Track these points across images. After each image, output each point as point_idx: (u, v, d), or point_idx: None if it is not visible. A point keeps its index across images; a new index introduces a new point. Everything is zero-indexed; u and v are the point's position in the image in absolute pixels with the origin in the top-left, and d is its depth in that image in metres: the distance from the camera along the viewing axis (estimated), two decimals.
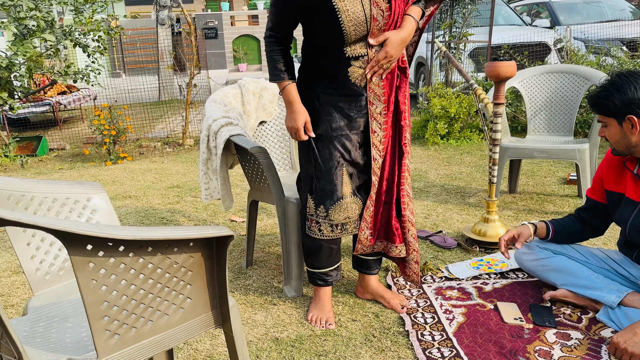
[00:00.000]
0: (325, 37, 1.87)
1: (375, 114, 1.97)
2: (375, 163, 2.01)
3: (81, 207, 1.62)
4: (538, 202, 3.52)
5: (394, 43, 1.87)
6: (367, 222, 2.07)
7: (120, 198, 4.00)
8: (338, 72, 1.91)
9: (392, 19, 1.87)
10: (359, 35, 1.85)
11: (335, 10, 1.79)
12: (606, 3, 9.05)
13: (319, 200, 2.02)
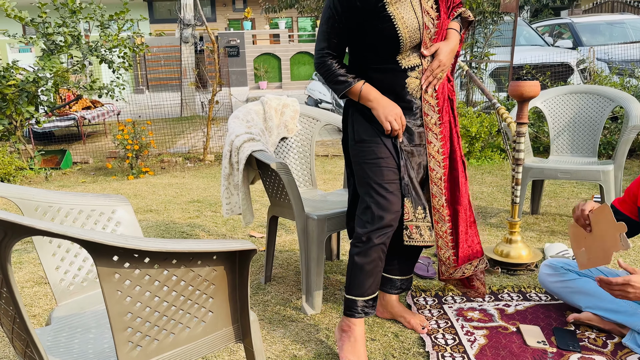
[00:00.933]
0: (381, 48, 1.86)
1: (431, 124, 1.97)
2: (434, 173, 2.00)
3: (106, 219, 1.64)
4: (561, 223, 3.46)
5: (445, 52, 1.90)
6: (443, 239, 2.03)
7: (142, 212, 4.04)
8: (396, 85, 1.90)
9: (441, 27, 1.91)
10: (414, 43, 1.86)
11: (391, 17, 1.81)
12: (629, 24, 8.98)
13: (415, 202, 1.94)
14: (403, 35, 1.83)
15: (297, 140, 2.93)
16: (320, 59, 1.92)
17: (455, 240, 2.07)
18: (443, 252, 2.05)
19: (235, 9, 20.31)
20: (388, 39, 1.83)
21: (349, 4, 1.81)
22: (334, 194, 2.87)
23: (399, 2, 1.83)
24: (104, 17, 5.40)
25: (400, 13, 1.82)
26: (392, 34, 1.82)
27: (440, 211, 2.02)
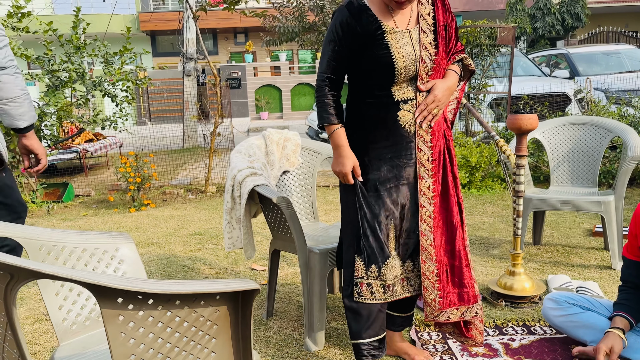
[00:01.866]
0: (376, 76, 1.89)
1: (423, 160, 1.96)
2: (424, 210, 1.96)
3: (109, 257, 1.64)
4: (564, 254, 3.46)
5: (441, 88, 1.92)
6: (430, 279, 1.97)
7: (143, 245, 4.04)
8: (387, 117, 1.92)
9: (439, 65, 1.93)
10: (409, 75, 1.89)
11: (388, 45, 1.85)
12: (625, 54, 9.12)
13: (369, 259, 1.93)
14: (398, 65, 1.86)
15: (299, 173, 2.96)
16: (321, 83, 1.96)
17: (443, 282, 2.00)
18: (429, 293, 1.98)
19: (237, 43, 20.68)
20: (383, 67, 1.86)
21: (349, 28, 1.87)
22: (336, 226, 2.87)
23: (398, 32, 1.88)
24: (108, 53, 5.51)
25: (397, 43, 1.87)
26: (388, 61, 1.85)
27: (428, 250, 1.97)
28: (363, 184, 1.96)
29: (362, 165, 1.97)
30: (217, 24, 18.19)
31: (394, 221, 1.97)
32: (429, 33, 1.92)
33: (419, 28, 1.91)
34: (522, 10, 16.50)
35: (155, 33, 20.37)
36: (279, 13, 9.52)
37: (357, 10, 1.87)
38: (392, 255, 1.96)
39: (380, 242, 1.93)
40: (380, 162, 1.95)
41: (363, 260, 1.95)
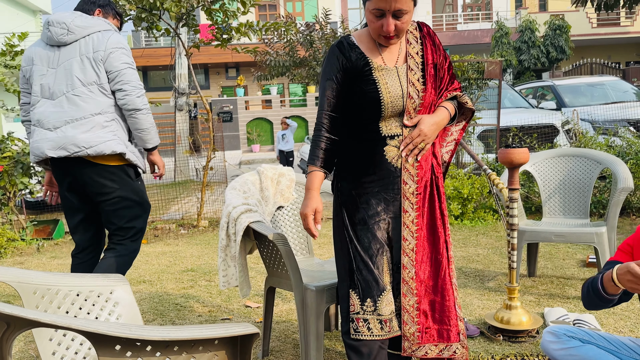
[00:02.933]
0: (363, 111, 1.93)
1: (408, 193, 1.96)
2: (407, 244, 1.95)
3: (104, 299, 1.62)
4: (559, 286, 3.45)
5: (427, 123, 1.94)
6: (409, 313, 1.94)
7: (135, 283, 3.98)
8: (375, 152, 1.94)
9: (427, 101, 1.96)
10: (396, 110, 1.92)
11: (375, 81, 1.90)
12: (609, 85, 9.33)
13: (364, 293, 1.91)
14: (385, 100, 1.89)
15: (293, 208, 2.96)
16: (319, 122, 1.98)
17: (422, 317, 1.97)
18: (408, 327, 1.95)
19: (229, 77, 20.92)
20: (370, 102, 1.90)
21: (340, 65, 1.93)
22: (331, 262, 2.85)
23: (385, 69, 1.93)
24: None
25: (384, 79, 1.91)
26: (375, 97, 1.89)
27: (409, 283, 1.95)
28: (351, 217, 1.97)
29: (350, 198, 1.99)
30: (209, 59, 18.42)
31: (386, 254, 1.96)
32: (417, 71, 1.96)
33: (407, 66, 1.96)
34: (507, 43, 16.92)
35: (147, 68, 20.58)
36: (270, 48, 9.68)
37: (347, 48, 1.95)
38: (387, 288, 1.94)
39: (374, 275, 1.92)
40: (368, 195, 1.96)
41: (358, 294, 1.93)
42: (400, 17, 1.84)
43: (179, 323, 3.12)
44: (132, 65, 2.62)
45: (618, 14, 19.58)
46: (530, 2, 22.00)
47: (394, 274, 1.98)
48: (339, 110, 1.97)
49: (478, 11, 22.46)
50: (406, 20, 1.87)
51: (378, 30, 1.88)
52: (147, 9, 5.35)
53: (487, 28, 20.15)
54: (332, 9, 10.89)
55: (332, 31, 9.53)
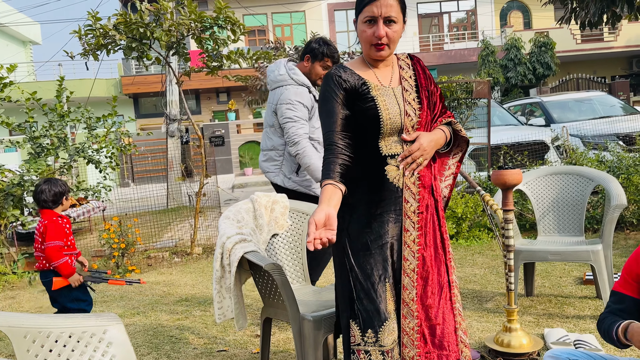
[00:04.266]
0: (362, 129, 1.95)
1: (409, 212, 1.94)
2: (408, 264, 1.92)
3: (97, 340, 1.58)
4: (557, 305, 3.43)
5: (426, 139, 1.96)
6: (410, 336, 1.90)
7: (129, 315, 3.92)
8: (376, 172, 1.94)
9: (424, 119, 1.99)
10: (395, 128, 1.94)
11: (374, 98, 1.93)
12: (596, 100, 9.44)
13: (365, 324, 1.87)
14: (384, 117, 1.91)
15: (288, 235, 2.93)
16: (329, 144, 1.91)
17: (423, 339, 1.92)
18: (407, 350, 1.90)
19: (220, 102, 21.00)
20: (370, 120, 1.92)
21: (340, 84, 1.96)
22: (328, 289, 2.82)
23: (383, 88, 1.96)
24: (92, 119, 5.54)
25: (382, 96, 1.95)
26: (374, 114, 1.92)
27: (409, 305, 1.91)
28: (353, 243, 1.94)
29: (351, 223, 1.96)
30: (200, 85, 18.50)
31: (389, 280, 1.92)
32: (412, 92, 2.00)
33: (402, 87, 2.00)
34: (494, 61, 17.15)
35: (138, 96, 20.63)
36: (260, 74, 9.75)
37: (343, 70, 1.99)
38: (390, 317, 1.89)
39: (376, 304, 1.88)
40: (369, 219, 1.94)
41: (358, 325, 1.89)
42: (390, 25, 1.91)
43: (174, 357, 3.06)
44: (293, 118, 3.18)
45: (601, 30, 19.96)
46: (515, 20, 22.38)
47: (396, 299, 1.94)
48: (349, 130, 1.94)
49: (464, 30, 22.81)
50: (396, 30, 1.92)
51: (370, 39, 1.92)
52: (137, 39, 5.38)
53: (473, 47, 20.43)
54: (320, 33, 11.02)
55: None
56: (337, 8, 21.72)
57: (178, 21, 5.46)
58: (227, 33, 5.60)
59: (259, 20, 20.97)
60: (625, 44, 20.44)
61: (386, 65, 2.03)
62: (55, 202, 3.15)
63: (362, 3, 1.93)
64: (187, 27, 5.44)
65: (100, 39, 5.32)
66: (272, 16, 21.52)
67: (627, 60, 22.05)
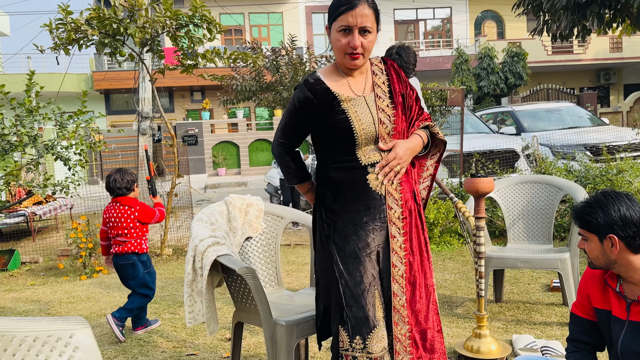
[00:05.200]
0: (339, 142, 1.95)
1: (394, 218, 1.96)
2: (396, 270, 1.93)
3: (63, 344, 1.53)
4: (525, 311, 3.49)
5: (403, 147, 1.97)
6: (402, 343, 1.91)
7: (95, 317, 3.82)
8: (357, 181, 1.95)
9: (399, 125, 1.99)
10: (370, 137, 1.94)
11: (345, 111, 1.93)
12: (566, 111, 9.69)
13: (353, 330, 1.87)
14: (356, 128, 1.91)
15: (262, 239, 2.91)
16: (276, 148, 2.10)
17: (415, 344, 1.95)
18: (400, 357, 1.92)
19: (194, 100, 20.76)
20: (343, 133, 1.92)
21: (306, 103, 1.96)
22: (301, 293, 2.81)
23: (354, 100, 1.95)
24: (62, 117, 5.40)
25: (353, 108, 1.94)
26: (346, 126, 1.92)
27: (400, 311, 1.93)
28: (341, 250, 1.94)
29: (337, 231, 1.96)
30: (174, 82, 18.25)
31: (378, 288, 1.92)
32: (385, 98, 2.00)
33: (375, 94, 2.00)
34: (467, 70, 17.43)
35: (109, 92, 20.23)
36: (236, 73, 9.68)
37: (312, 85, 1.98)
38: (379, 324, 1.89)
39: (365, 311, 1.88)
40: (356, 227, 1.94)
41: (347, 331, 1.89)
42: (365, 35, 1.90)
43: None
44: None
45: (571, 42, 20.50)
46: (488, 30, 22.81)
47: (386, 307, 1.95)
48: (293, 141, 2.08)
49: (439, 38, 23.13)
50: (370, 40, 1.92)
51: (344, 48, 1.91)
52: (110, 35, 5.27)
53: (447, 55, 20.73)
54: (297, 35, 11.01)
55: (298, 57, 9.62)
56: (314, 11, 21.75)
57: (153, 18, 5.36)
58: (203, 31, 5.54)
59: (236, 20, 20.83)
60: (593, 57, 21.05)
61: (360, 73, 2.03)
62: (128, 189, 3.53)
63: (336, 11, 1.91)
64: (162, 24, 5.35)
65: (72, 33, 5.19)
66: (249, 16, 21.41)
67: (595, 72, 22.71)
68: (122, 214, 3.48)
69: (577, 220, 1.95)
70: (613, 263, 1.89)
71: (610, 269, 1.93)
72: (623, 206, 1.86)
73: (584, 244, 1.95)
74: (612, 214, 1.87)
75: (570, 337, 2.07)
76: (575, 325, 2.08)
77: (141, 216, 3.51)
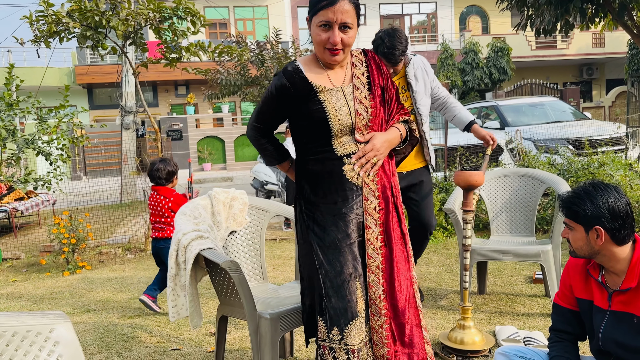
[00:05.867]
0: (314, 132, 1.95)
1: (370, 209, 1.95)
2: (372, 261, 1.93)
3: (43, 339, 1.51)
4: (508, 303, 3.53)
5: (380, 139, 1.97)
6: (379, 334, 1.90)
7: (78, 313, 3.78)
8: (333, 172, 1.95)
9: (376, 116, 1.98)
10: (345, 128, 1.93)
11: (321, 101, 1.93)
12: (549, 105, 9.78)
13: (331, 321, 1.87)
14: (332, 119, 1.91)
15: (247, 233, 2.90)
16: (251, 132, 2.13)
17: (393, 337, 1.95)
18: (378, 348, 1.92)
19: (178, 95, 20.58)
20: (318, 122, 1.92)
21: (283, 91, 1.97)
22: (286, 287, 2.81)
23: (331, 90, 1.95)
24: (42, 110, 5.31)
25: (330, 99, 1.94)
26: (322, 116, 1.92)
27: (376, 303, 1.92)
28: (321, 241, 1.93)
29: (316, 221, 1.96)
30: (157, 77, 18.07)
31: (359, 279, 1.92)
32: (363, 89, 2.00)
33: (353, 85, 1.99)
34: (452, 64, 17.52)
35: (92, 86, 19.97)
36: (221, 67, 9.60)
37: (291, 74, 1.97)
38: (358, 317, 1.88)
39: (344, 303, 1.87)
40: (335, 218, 1.94)
41: (325, 322, 1.89)
42: (346, 31, 1.89)
43: (125, 355, 2.98)
44: None
45: (555, 37, 20.70)
46: (473, 25, 22.93)
47: (366, 298, 1.94)
48: (267, 126, 2.10)
49: (424, 33, 23.20)
50: (351, 36, 1.92)
51: (324, 43, 1.91)
52: (92, 27, 5.19)
53: (433, 50, 20.81)
54: (282, 29, 10.96)
55: (283, 51, 9.57)
56: (300, 5, 21.66)
57: (136, 10, 5.29)
58: (187, 24, 5.48)
59: (220, 14, 20.67)
60: (576, 52, 21.29)
61: (340, 66, 2.02)
62: (167, 180, 3.78)
63: (317, 5, 1.89)
64: (145, 17, 5.29)
65: (53, 26, 5.10)
66: (234, 9, 21.26)
67: (578, 67, 22.97)
68: (159, 203, 3.74)
69: (565, 209, 1.94)
70: (596, 253, 1.91)
71: (593, 259, 1.95)
72: (611, 198, 1.87)
73: (569, 233, 1.95)
74: (600, 206, 1.86)
75: (552, 327, 2.10)
76: (558, 315, 2.11)
77: (174, 206, 3.70)
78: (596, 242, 1.89)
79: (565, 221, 1.96)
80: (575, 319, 2.07)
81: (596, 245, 1.89)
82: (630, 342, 1.87)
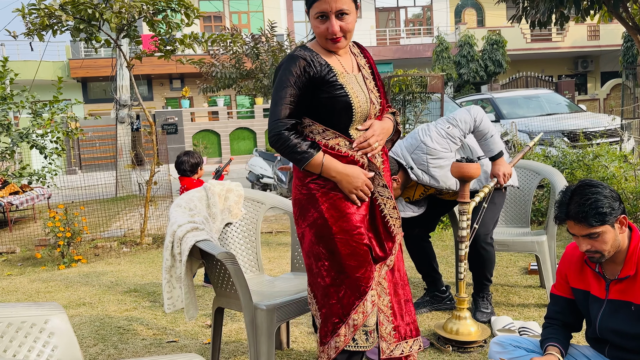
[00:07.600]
0: (336, 118, 1.93)
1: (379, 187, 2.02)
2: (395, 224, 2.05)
3: (38, 330, 1.51)
4: (503, 294, 3.55)
5: (379, 126, 2.00)
6: (384, 313, 1.99)
7: (74, 306, 3.78)
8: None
9: (383, 107, 2.04)
10: (364, 115, 1.96)
11: (343, 86, 1.92)
12: (544, 98, 9.79)
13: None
14: (355, 103, 1.91)
15: (242, 224, 2.89)
16: (275, 130, 1.89)
17: (394, 314, 2.03)
18: (384, 327, 1.99)
19: (173, 88, 20.49)
20: (342, 107, 1.91)
21: (304, 71, 1.89)
22: (282, 278, 2.81)
23: (348, 75, 1.96)
24: (37, 105, 5.28)
25: (350, 84, 1.94)
26: (346, 101, 1.91)
27: (381, 283, 1.99)
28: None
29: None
30: (152, 70, 17.98)
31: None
32: (371, 79, 2.03)
33: (362, 74, 2.01)
34: (447, 57, 17.50)
35: (86, 80, 19.85)
36: (216, 60, 9.56)
37: (305, 55, 1.93)
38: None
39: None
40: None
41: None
42: (343, 18, 1.88)
43: (121, 348, 2.98)
44: None
45: (550, 30, 20.69)
46: (468, 17, 22.89)
47: None
48: (297, 118, 1.93)
49: (420, 26, 23.14)
50: (350, 21, 1.91)
51: (324, 34, 1.91)
52: (85, 20, 5.15)
53: (428, 42, 20.78)
54: (277, 22, 10.91)
55: (278, 43, 9.54)
56: None
57: (129, 3, 5.25)
58: (181, 16, 5.45)
59: (215, 6, 20.55)
60: (571, 45, 21.30)
61: (345, 52, 2.03)
62: (192, 171, 3.99)
63: None
64: (138, 9, 5.25)
65: (46, 19, 5.06)
66: (229, 2, 21.14)
67: (572, 60, 22.98)
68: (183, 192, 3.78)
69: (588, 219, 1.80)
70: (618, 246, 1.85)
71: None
72: (605, 188, 1.87)
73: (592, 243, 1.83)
74: (613, 196, 1.83)
75: (547, 315, 2.13)
76: (554, 304, 2.13)
77: None
78: (621, 231, 1.86)
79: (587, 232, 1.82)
80: (570, 307, 2.09)
81: (619, 236, 1.86)
82: (629, 330, 1.89)
